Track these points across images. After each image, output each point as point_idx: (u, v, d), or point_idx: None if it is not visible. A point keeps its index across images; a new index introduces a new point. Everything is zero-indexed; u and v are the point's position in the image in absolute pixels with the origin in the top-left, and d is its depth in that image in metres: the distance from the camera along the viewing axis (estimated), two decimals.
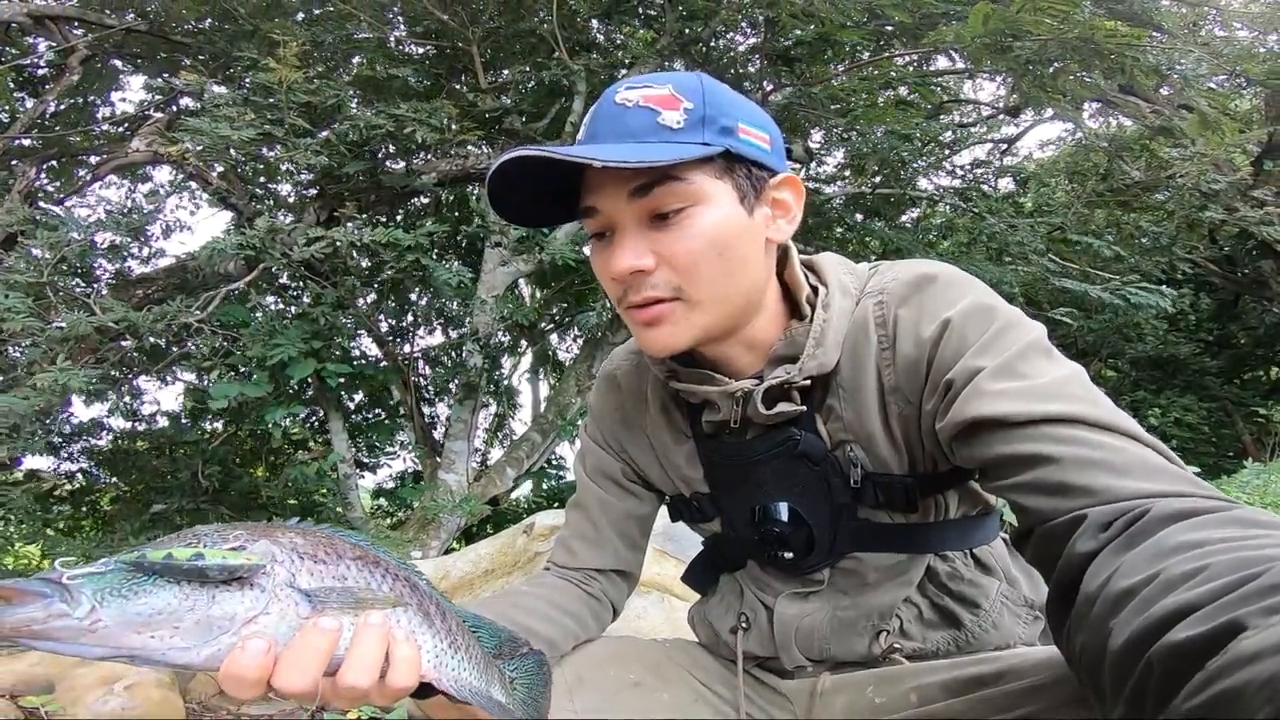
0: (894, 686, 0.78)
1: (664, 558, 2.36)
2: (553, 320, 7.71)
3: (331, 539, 0.54)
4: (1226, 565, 0.41)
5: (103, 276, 5.73)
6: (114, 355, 4.92)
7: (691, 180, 0.70)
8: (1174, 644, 0.38)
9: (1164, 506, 0.50)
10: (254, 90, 4.56)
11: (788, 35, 4.29)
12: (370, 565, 0.55)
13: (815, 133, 5.29)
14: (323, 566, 0.52)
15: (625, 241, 0.72)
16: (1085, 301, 4.95)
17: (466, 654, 0.59)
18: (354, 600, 0.52)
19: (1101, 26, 2.89)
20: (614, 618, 0.99)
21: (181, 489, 5.42)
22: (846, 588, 0.85)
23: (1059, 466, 0.57)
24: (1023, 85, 3.54)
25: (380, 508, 7.11)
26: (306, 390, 5.68)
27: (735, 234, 0.72)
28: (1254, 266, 7.00)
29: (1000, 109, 5.66)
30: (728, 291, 0.73)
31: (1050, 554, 0.57)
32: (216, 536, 0.50)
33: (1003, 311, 0.70)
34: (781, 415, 0.78)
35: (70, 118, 5.97)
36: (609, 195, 0.71)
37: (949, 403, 0.67)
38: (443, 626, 0.58)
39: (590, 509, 0.97)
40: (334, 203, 5.53)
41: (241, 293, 4.95)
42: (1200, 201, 4.27)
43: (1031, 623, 0.87)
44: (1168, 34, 3.50)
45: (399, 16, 5.48)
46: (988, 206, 4.85)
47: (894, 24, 3.91)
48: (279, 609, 0.49)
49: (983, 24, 2.96)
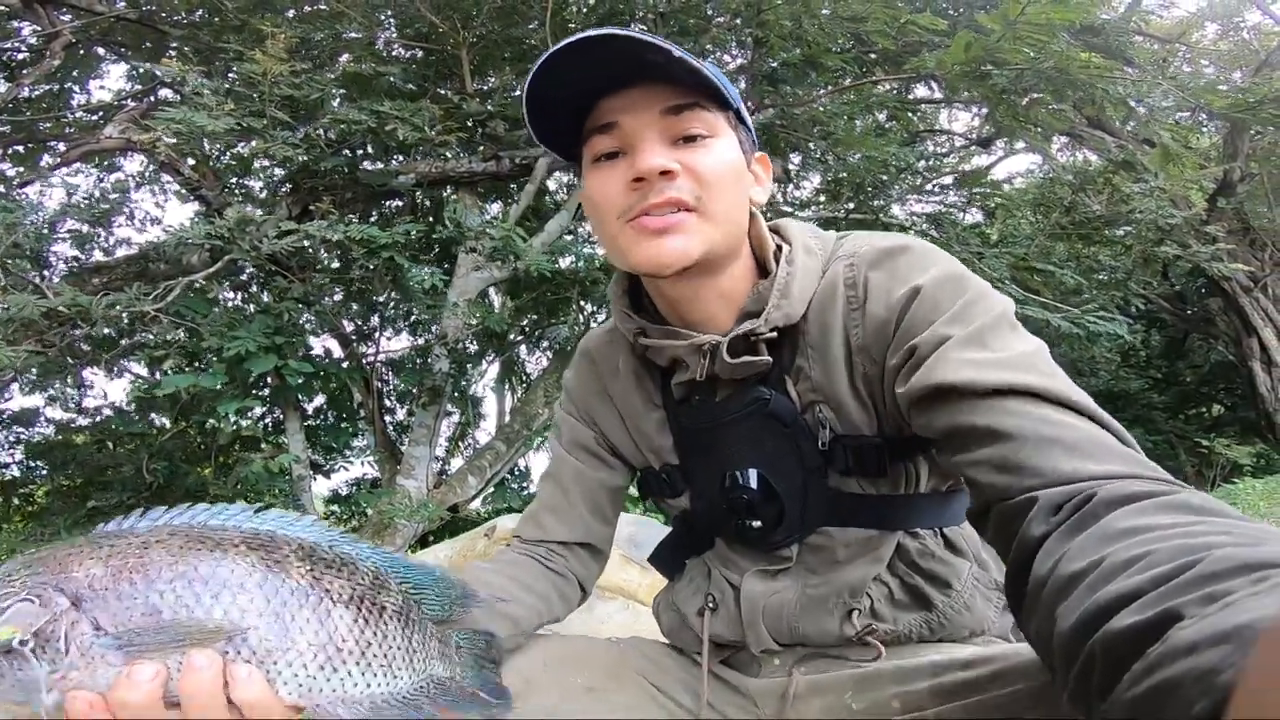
0: (875, 690, 0.75)
1: (629, 564, 2.34)
2: (522, 331, 7.65)
3: (146, 555, 0.45)
4: (1167, 553, 0.41)
5: (57, 264, 5.52)
6: (60, 341, 4.71)
7: (717, 116, 0.76)
8: (1115, 631, 0.39)
9: (1111, 490, 0.51)
10: (237, 82, 4.48)
11: (775, 56, 4.41)
12: (202, 582, 0.45)
13: (794, 155, 5.42)
14: (128, 601, 0.44)
15: (650, 148, 0.73)
16: (1045, 332, 5.12)
17: (361, 662, 0.49)
18: (170, 639, 0.44)
19: (1076, 57, 3.05)
20: (583, 597, 0.97)
21: (123, 484, 5.18)
22: (815, 565, 0.84)
23: (1015, 443, 0.58)
24: (997, 114, 3.70)
25: (333, 513, 6.88)
26: (264, 387, 5.50)
27: (740, 174, 0.78)
28: (1202, 304, 7.39)
29: (972, 140, 5.90)
30: (732, 216, 0.77)
31: (1006, 533, 0.57)
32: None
33: (974, 283, 0.72)
34: (749, 367, 0.78)
35: (44, 103, 5.78)
36: (639, 110, 0.74)
37: (912, 367, 0.68)
38: (317, 638, 0.48)
39: (563, 479, 0.96)
40: (308, 198, 5.43)
41: (202, 285, 4.80)
42: (1157, 236, 4.50)
43: (1004, 609, 0.86)
44: (1138, 68, 3.70)
45: (390, 18, 5.47)
46: (956, 235, 5.01)
47: (878, 50, 4.06)
48: (84, 661, 0.43)
49: (964, 51, 3.09)
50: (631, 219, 0.74)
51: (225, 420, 4.93)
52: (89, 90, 6.11)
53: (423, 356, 6.57)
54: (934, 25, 3.37)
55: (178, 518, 0.49)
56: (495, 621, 0.78)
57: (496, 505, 6.86)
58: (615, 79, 0.74)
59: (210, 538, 0.48)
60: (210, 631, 0.45)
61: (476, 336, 6.63)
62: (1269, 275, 6.12)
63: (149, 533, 0.48)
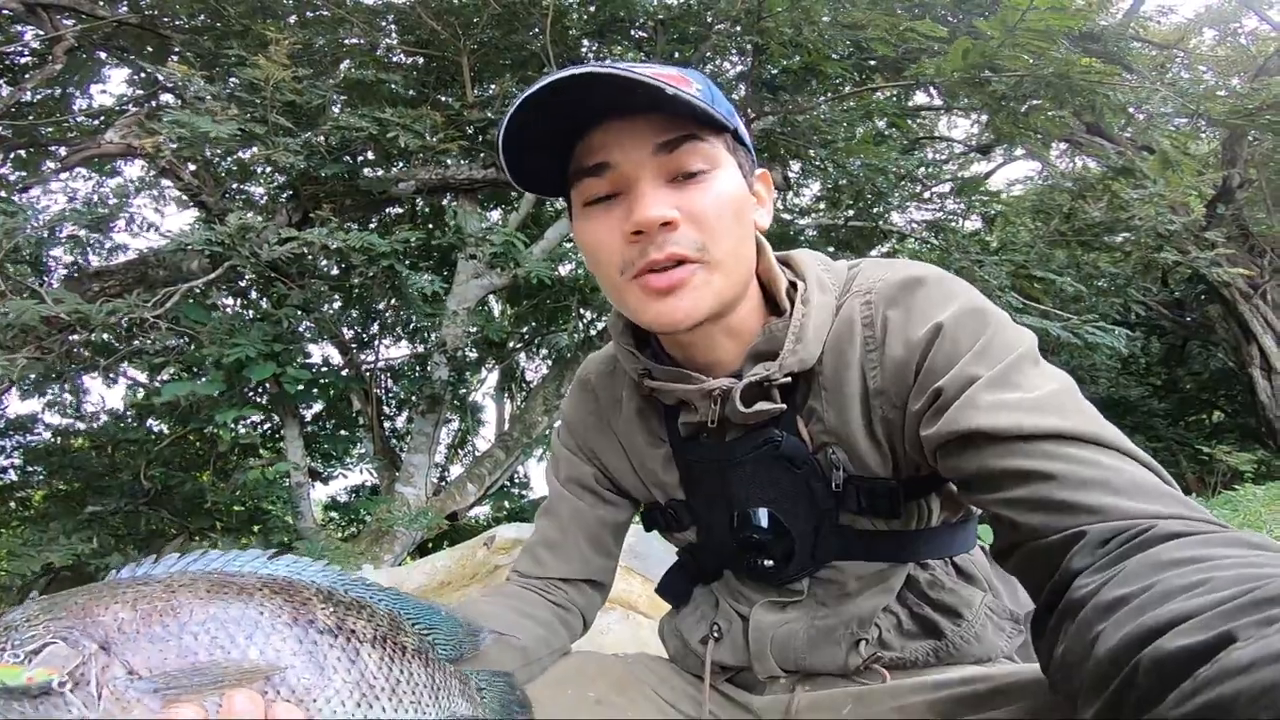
0: (874, 707, 0.74)
1: (630, 574, 2.32)
2: (522, 339, 7.65)
3: (174, 597, 0.45)
4: (1227, 580, 0.41)
5: (56, 269, 5.52)
6: (60, 347, 4.70)
7: (714, 144, 0.71)
8: (1167, 651, 0.38)
9: (1165, 526, 0.50)
10: (239, 87, 4.50)
11: (775, 64, 4.43)
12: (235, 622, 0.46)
13: (794, 163, 5.44)
14: (161, 644, 0.44)
15: (646, 193, 0.69)
16: (1045, 340, 5.12)
17: (393, 698, 0.50)
18: (211, 680, 0.44)
19: (1077, 63, 3.05)
20: (585, 628, 0.95)
21: (121, 490, 5.17)
22: (826, 598, 0.82)
23: (1057, 484, 0.56)
24: (996, 120, 3.71)
25: (332, 520, 6.87)
26: (263, 394, 5.50)
27: (744, 206, 0.73)
28: (1202, 311, 7.40)
29: (972, 147, 5.91)
30: (740, 259, 0.73)
31: (1041, 568, 0.56)
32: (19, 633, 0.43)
33: (994, 316, 0.69)
34: (761, 414, 0.75)
35: (46, 108, 5.81)
36: (630, 149, 0.69)
37: (938, 410, 0.66)
38: (350, 676, 0.48)
39: (561, 516, 0.93)
40: (308, 205, 5.44)
41: (201, 291, 4.80)
42: (1156, 242, 4.51)
43: (1014, 635, 0.84)
44: (1138, 74, 3.72)
45: (392, 25, 5.50)
46: (955, 242, 5.02)
47: (877, 58, 4.08)
48: (119, 706, 0.42)
49: (962, 58, 3.10)
50: (635, 275, 0.70)
51: (225, 428, 4.93)
52: (90, 95, 6.14)
53: (422, 364, 6.58)
54: (933, 32, 3.38)
55: (194, 564, 0.49)
56: (505, 654, 0.77)
57: (495, 513, 6.85)
58: (599, 112, 0.70)
59: (233, 582, 0.48)
60: (249, 671, 0.45)
61: (476, 344, 6.62)
62: (1268, 281, 6.14)
63: (170, 577, 0.48)
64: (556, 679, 0.83)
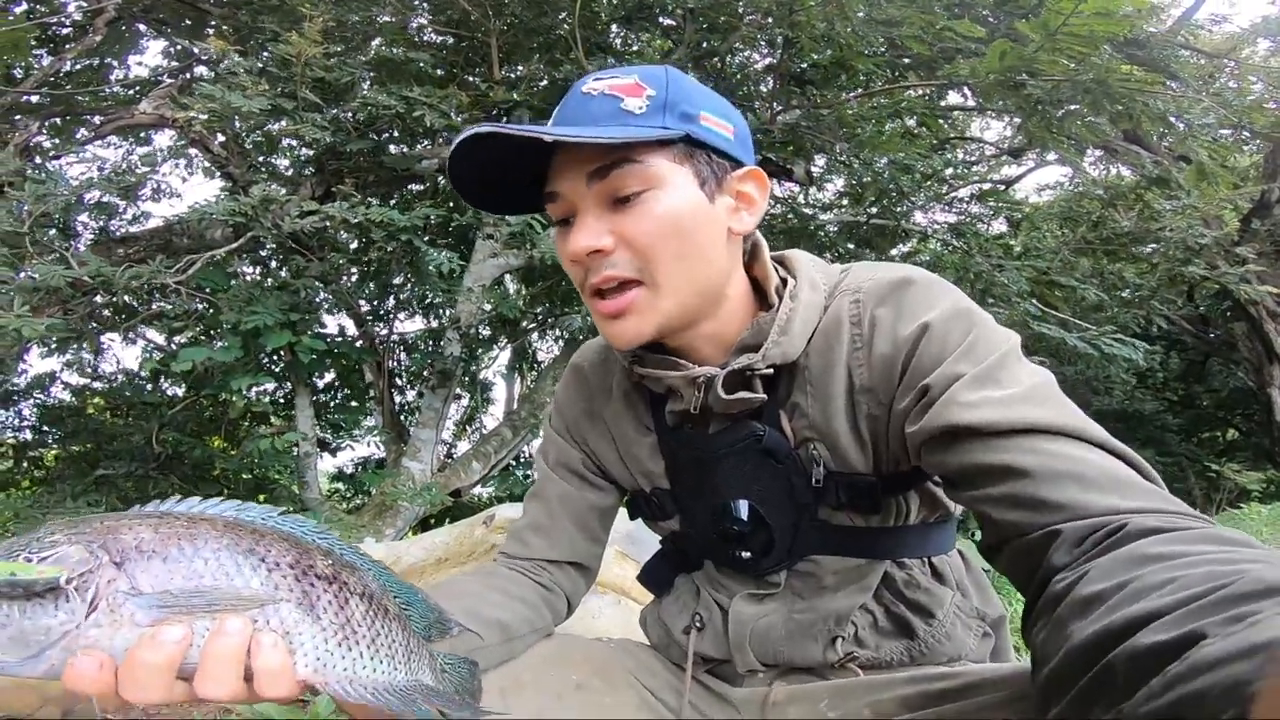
0: (849, 700, 0.77)
1: (624, 559, 2.34)
2: (535, 319, 7.66)
3: (193, 528, 0.49)
4: (1197, 578, 0.42)
5: (83, 233, 5.57)
6: (83, 309, 4.76)
7: (649, 163, 0.70)
8: (1139, 648, 0.39)
9: (1140, 522, 0.51)
10: (271, 62, 4.50)
11: (805, 58, 4.37)
12: (244, 554, 0.49)
13: (819, 158, 5.38)
14: (173, 565, 0.47)
15: (584, 223, 0.71)
16: (1061, 350, 5.07)
17: (371, 648, 0.53)
18: (206, 602, 0.46)
19: (1117, 69, 2.99)
20: (569, 611, 0.96)
21: (131, 454, 5.23)
22: (803, 591, 0.84)
23: (1032, 480, 0.57)
24: (1029, 125, 3.66)
25: (338, 491, 6.93)
26: (277, 363, 5.54)
27: (695, 219, 0.72)
28: (1227, 328, 7.30)
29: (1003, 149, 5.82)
30: (688, 275, 0.73)
31: (1026, 568, 0.57)
32: (38, 542, 0.45)
33: (980, 317, 0.71)
34: (742, 402, 0.77)
35: (84, 78, 5.84)
36: (569, 179, 0.72)
37: (924, 407, 0.67)
38: (336, 619, 0.51)
39: (549, 500, 0.95)
40: (331, 179, 5.47)
41: (223, 259, 4.83)
42: (1185, 255, 4.44)
43: (982, 637, 0.87)
44: (1183, 83, 3.64)
45: (424, 3, 5.48)
46: (978, 245, 4.97)
47: (911, 55, 4.02)
48: (109, 619, 0.44)
49: (999, 60, 3.05)
50: (590, 296, 0.74)
51: (237, 394, 4.97)
52: (128, 65, 6.17)
53: (435, 339, 6.60)
54: (971, 32, 3.32)
55: (212, 508, 0.53)
56: (486, 630, 0.78)
57: (499, 492, 6.89)
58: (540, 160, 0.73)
59: (248, 524, 0.52)
60: (246, 598, 0.48)
61: (489, 322, 6.64)
62: None
63: (193, 513, 0.51)
64: (540, 659, 0.84)
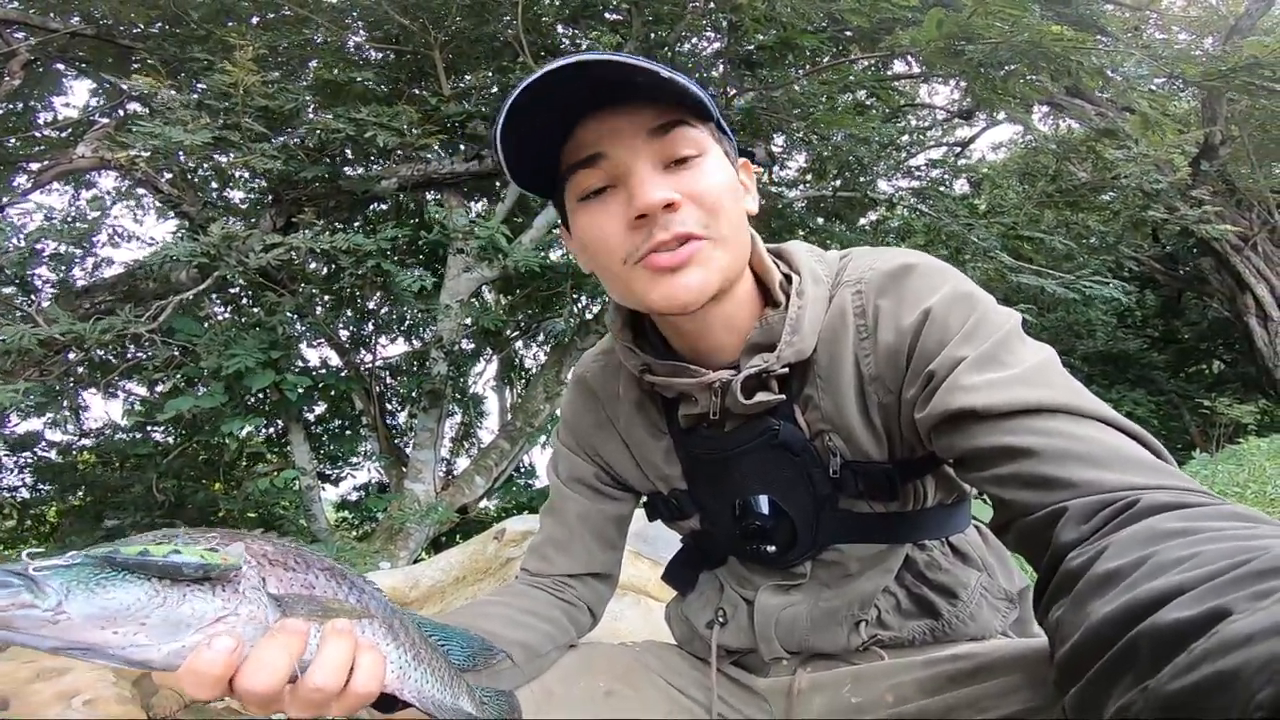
0: (871, 685, 0.78)
1: (639, 559, 2.35)
2: (518, 327, 7.65)
3: (300, 549, 0.55)
4: (1218, 553, 0.41)
5: (43, 287, 5.52)
6: (58, 368, 4.74)
7: (701, 130, 0.71)
8: (1163, 625, 0.38)
9: (1152, 498, 0.50)
10: (208, 94, 4.45)
11: (750, 40, 4.35)
12: (337, 577, 0.56)
13: (777, 137, 5.37)
14: (291, 574, 0.53)
15: (648, 178, 0.68)
16: (1041, 297, 5.11)
17: (430, 668, 0.60)
18: (321, 608, 0.52)
19: (1048, 31, 3.00)
20: (594, 622, 0.96)
21: (135, 503, 5.23)
22: (829, 580, 0.85)
23: (1038, 459, 0.57)
24: (975, 88, 3.66)
25: (345, 520, 6.95)
26: (265, 401, 5.53)
27: (734, 191, 0.73)
28: (1194, 264, 7.35)
29: (954, 112, 5.83)
30: (740, 236, 0.74)
31: (1033, 544, 0.57)
32: (189, 538, 0.50)
33: (981, 299, 0.71)
34: (761, 405, 0.76)
35: (9, 123, 5.75)
36: (624, 136, 0.69)
37: (930, 393, 0.67)
38: (406, 640, 0.58)
39: (565, 514, 0.95)
40: (291, 209, 5.41)
41: (193, 302, 4.81)
42: (1143, 201, 4.46)
43: (1008, 613, 0.86)
44: (1111, 37, 3.64)
45: (358, 21, 5.41)
46: (944, 207, 4.98)
47: (852, 29, 4.00)
48: (248, 611, 0.49)
49: (936, 28, 3.05)
50: (640, 259, 0.70)
51: (231, 436, 4.97)
52: (54, 108, 6.08)
53: (420, 360, 6.59)
54: (907, 2, 3.31)
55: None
56: (511, 650, 0.79)
57: (504, 503, 6.92)
58: (588, 105, 0.69)
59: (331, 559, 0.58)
60: (354, 609, 0.54)
61: (472, 336, 6.64)
62: (1258, 234, 6.08)
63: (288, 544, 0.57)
64: (566, 672, 0.85)
